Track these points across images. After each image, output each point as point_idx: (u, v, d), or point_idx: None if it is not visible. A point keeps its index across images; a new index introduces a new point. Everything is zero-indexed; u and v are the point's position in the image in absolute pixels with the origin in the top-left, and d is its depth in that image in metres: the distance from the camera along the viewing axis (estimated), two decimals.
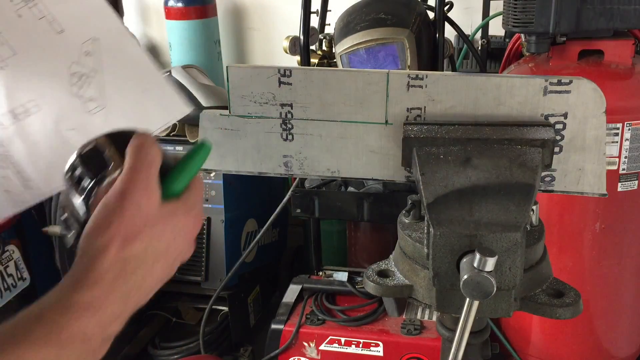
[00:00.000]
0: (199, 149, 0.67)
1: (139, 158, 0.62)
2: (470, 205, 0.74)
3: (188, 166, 0.66)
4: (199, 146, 0.67)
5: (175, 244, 0.64)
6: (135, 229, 0.60)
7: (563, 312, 0.77)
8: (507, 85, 0.83)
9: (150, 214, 0.61)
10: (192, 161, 0.66)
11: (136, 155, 0.62)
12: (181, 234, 0.65)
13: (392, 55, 1.74)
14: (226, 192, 2.20)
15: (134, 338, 2.33)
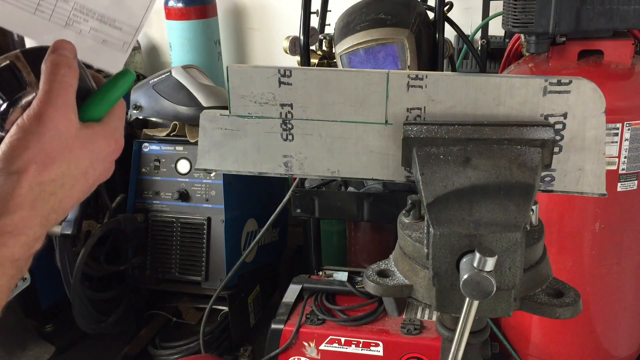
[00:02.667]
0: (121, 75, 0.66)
1: (55, 79, 0.61)
2: (470, 205, 0.75)
3: (109, 92, 0.66)
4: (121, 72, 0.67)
5: (93, 167, 0.64)
6: (53, 153, 0.60)
7: (563, 312, 0.77)
8: (507, 86, 0.83)
9: (69, 138, 0.61)
10: (114, 88, 0.66)
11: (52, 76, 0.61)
12: (100, 158, 0.65)
13: (392, 56, 1.74)
14: (226, 192, 2.20)
15: (134, 338, 2.33)
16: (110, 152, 0.67)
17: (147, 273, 2.27)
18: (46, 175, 0.59)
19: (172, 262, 2.26)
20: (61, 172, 0.61)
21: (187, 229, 2.24)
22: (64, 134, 0.61)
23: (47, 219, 0.60)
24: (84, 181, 0.64)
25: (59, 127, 0.60)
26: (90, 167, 0.64)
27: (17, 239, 0.57)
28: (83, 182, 0.64)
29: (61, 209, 0.62)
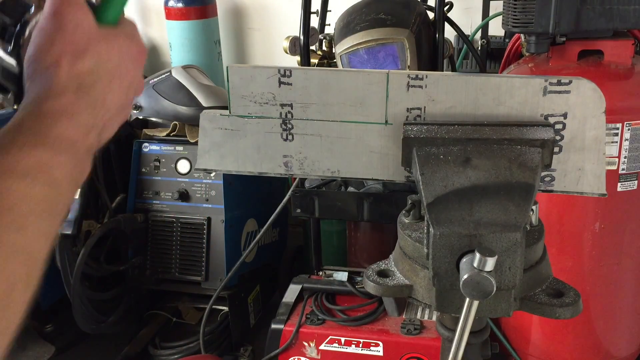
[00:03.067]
0: None
1: None
2: (470, 205, 0.75)
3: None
4: None
5: (124, 65, 0.63)
6: (80, 45, 0.59)
7: (563, 311, 0.77)
8: (507, 86, 0.83)
9: (91, 32, 0.60)
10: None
11: None
12: (127, 58, 0.64)
13: (392, 55, 1.74)
14: (226, 192, 2.20)
15: (134, 338, 2.33)
16: (136, 53, 0.65)
17: (147, 273, 2.27)
18: (80, 66, 0.59)
19: (172, 262, 2.26)
20: (94, 64, 0.60)
21: (187, 229, 2.24)
22: (85, 27, 0.60)
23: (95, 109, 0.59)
24: (119, 79, 0.62)
25: (78, 20, 0.60)
26: (121, 65, 0.63)
27: (70, 120, 0.55)
28: (119, 81, 0.62)
29: (106, 104, 0.60)
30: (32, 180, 0.49)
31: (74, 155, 0.55)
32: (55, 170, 0.52)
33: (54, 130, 0.54)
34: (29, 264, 0.47)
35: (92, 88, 0.59)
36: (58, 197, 0.51)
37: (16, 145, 0.51)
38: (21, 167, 0.49)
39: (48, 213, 0.50)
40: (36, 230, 0.48)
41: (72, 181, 0.54)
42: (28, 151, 0.51)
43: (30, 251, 0.47)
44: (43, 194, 0.49)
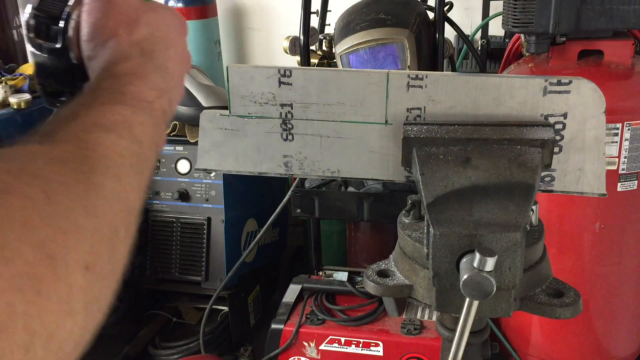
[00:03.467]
0: None
1: None
2: (470, 205, 0.75)
3: None
4: None
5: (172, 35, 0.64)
6: (132, 16, 0.61)
7: (563, 311, 0.77)
8: (507, 86, 0.83)
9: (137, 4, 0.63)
10: None
11: None
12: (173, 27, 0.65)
13: (392, 55, 1.74)
14: (226, 192, 2.20)
15: (134, 338, 2.33)
16: (178, 23, 0.67)
17: (147, 273, 2.27)
18: (137, 34, 0.60)
19: (172, 262, 2.26)
20: (148, 32, 0.61)
21: (187, 229, 2.24)
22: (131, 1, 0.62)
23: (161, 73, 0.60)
24: (173, 48, 0.64)
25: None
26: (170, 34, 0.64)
27: (142, 80, 0.56)
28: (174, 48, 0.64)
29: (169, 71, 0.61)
30: (118, 134, 0.49)
31: (151, 116, 0.55)
32: (137, 128, 0.52)
33: (130, 89, 0.54)
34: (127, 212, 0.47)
35: (153, 53, 0.60)
36: (142, 155, 0.51)
37: (97, 102, 0.51)
38: (106, 122, 0.49)
39: (136, 169, 0.49)
40: (129, 182, 0.48)
41: (152, 143, 0.54)
42: (110, 107, 0.51)
43: (127, 199, 0.47)
44: (129, 149, 0.49)
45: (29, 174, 0.39)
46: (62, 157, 0.43)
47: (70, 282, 0.37)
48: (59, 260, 0.37)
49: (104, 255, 0.41)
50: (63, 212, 0.39)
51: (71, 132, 0.47)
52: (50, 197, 0.38)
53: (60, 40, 0.62)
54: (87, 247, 0.40)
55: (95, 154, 0.45)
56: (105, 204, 0.43)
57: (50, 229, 0.37)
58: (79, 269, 0.38)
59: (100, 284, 0.41)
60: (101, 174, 0.45)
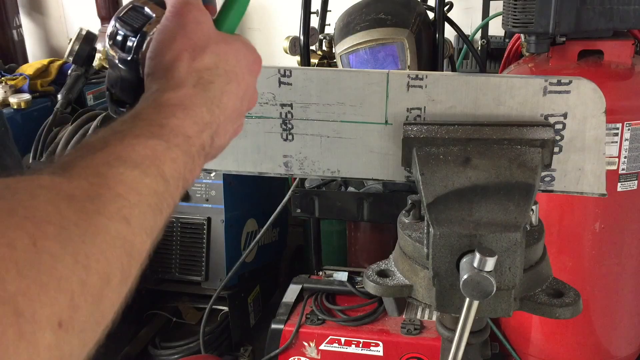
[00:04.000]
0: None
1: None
2: (470, 205, 0.75)
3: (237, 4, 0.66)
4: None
5: (241, 70, 0.63)
6: (201, 42, 0.60)
7: (563, 312, 0.77)
8: (507, 86, 0.83)
9: (211, 31, 0.62)
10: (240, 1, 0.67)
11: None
12: (244, 63, 0.64)
13: (392, 55, 1.74)
14: (226, 192, 2.20)
15: (134, 338, 2.33)
16: (252, 60, 0.65)
17: (147, 273, 2.26)
18: (199, 62, 0.59)
19: (172, 262, 2.26)
20: (213, 62, 0.60)
21: (187, 229, 2.24)
22: (205, 28, 0.61)
23: (212, 106, 0.58)
24: (236, 82, 0.62)
25: (199, 20, 0.61)
26: (238, 68, 0.62)
27: (186, 113, 0.55)
28: (236, 84, 0.62)
29: (223, 105, 0.60)
30: (143, 171, 0.47)
31: (186, 152, 0.53)
32: (167, 165, 0.50)
33: (170, 122, 0.53)
34: (128, 257, 0.44)
35: (210, 85, 0.59)
36: (165, 194, 0.50)
37: (132, 134, 0.50)
38: (134, 156, 0.48)
39: (153, 209, 0.48)
40: (140, 224, 0.46)
41: (180, 179, 0.52)
42: (144, 141, 0.49)
43: (132, 244, 0.45)
44: (152, 187, 0.48)
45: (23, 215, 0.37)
46: (71, 193, 0.41)
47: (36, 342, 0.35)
48: (27, 317, 0.34)
49: (84, 309, 0.39)
50: (46, 262, 0.36)
51: (93, 164, 0.45)
52: (36, 244, 0.36)
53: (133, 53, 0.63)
54: (65, 301, 0.37)
55: (109, 192, 0.43)
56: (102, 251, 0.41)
57: (24, 282, 0.35)
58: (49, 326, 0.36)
59: (75, 340, 0.38)
60: (108, 215, 0.42)
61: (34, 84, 2.57)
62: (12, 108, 2.39)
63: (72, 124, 2.27)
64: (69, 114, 2.37)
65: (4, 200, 0.38)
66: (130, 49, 0.63)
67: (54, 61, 2.74)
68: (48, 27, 3.45)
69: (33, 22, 3.45)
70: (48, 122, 2.28)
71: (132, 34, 0.63)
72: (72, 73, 2.32)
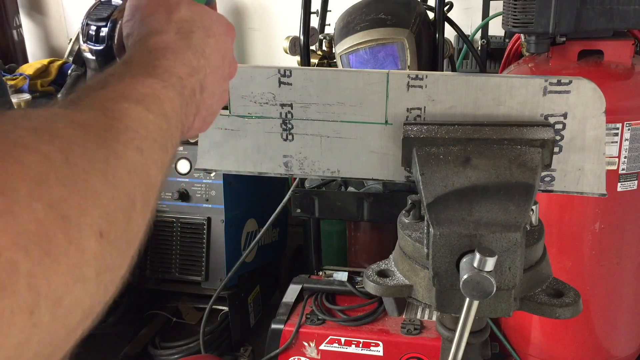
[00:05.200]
0: None
1: None
2: (470, 205, 0.75)
3: None
4: None
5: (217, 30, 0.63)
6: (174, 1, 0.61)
7: (563, 312, 0.77)
8: (507, 86, 0.83)
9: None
10: None
11: None
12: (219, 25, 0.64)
13: (392, 56, 1.74)
14: (226, 192, 2.20)
15: (134, 338, 2.33)
16: (225, 25, 0.66)
17: (147, 273, 2.27)
18: (176, 14, 0.60)
19: (172, 262, 2.26)
20: (189, 16, 0.61)
21: (187, 229, 2.24)
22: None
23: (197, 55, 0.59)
24: (214, 39, 0.62)
25: None
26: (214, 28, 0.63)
27: (175, 55, 0.56)
28: (214, 40, 0.62)
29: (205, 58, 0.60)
30: (146, 107, 0.48)
31: (180, 93, 0.54)
32: (166, 103, 0.51)
33: (162, 63, 0.54)
34: (146, 186, 0.44)
35: (191, 34, 0.60)
36: (168, 132, 0.50)
37: (129, 74, 0.51)
38: (135, 94, 0.48)
39: (160, 144, 0.48)
40: (151, 156, 0.46)
41: (178, 121, 0.53)
42: (141, 80, 0.50)
43: (148, 173, 0.45)
44: (156, 123, 0.48)
45: (49, 132, 0.37)
46: (85, 122, 0.42)
47: (83, 247, 0.35)
48: (72, 223, 0.35)
49: (119, 225, 0.39)
50: (80, 175, 0.37)
51: (98, 100, 0.46)
52: (68, 158, 0.36)
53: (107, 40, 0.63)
54: (102, 213, 0.37)
55: (120, 123, 0.44)
56: (125, 174, 0.41)
57: (66, 190, 0.35)
58: (93, 234, 0.36)
59: (115, 254, 0.39)
60: (124, 143, 0.43)
61: (34, 84, 2.57)
62: None
63: None
64: None
65: (28, 120, 0.38)
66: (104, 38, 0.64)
67: (54, 61, 2.74)
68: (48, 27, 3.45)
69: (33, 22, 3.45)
70: None
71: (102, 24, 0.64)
72: (72, 73, 2.32)
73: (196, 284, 2.26)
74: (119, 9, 0.57)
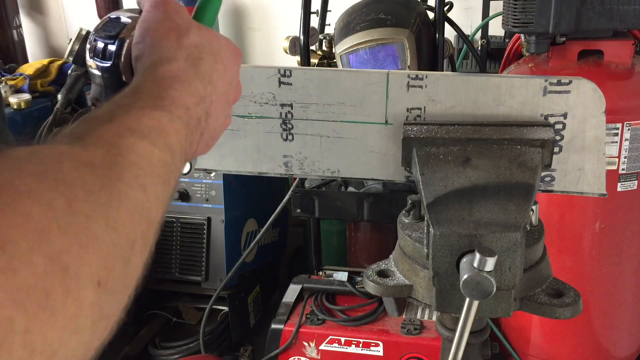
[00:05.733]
0: None
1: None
2: (470, 205, 0.75)
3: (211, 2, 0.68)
4: None
5: (225, 55, 0.64)
6: (184, 25, 0.61)
7: (563, 312, 0.77)
8: (507, 86, 0.83)
9: (191, 20, 0.63)
10: None
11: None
12: (227, 50, 0.64)
13: (392, 56, 1.74)
14: (226, 192, 2.20)
15: (134, 338, 2.33)
16: (233, 50, 0.66)
17: (147, 273, 2.27)
18: (186, 39, 0.60)
19: (172, 262, 2.26)
20: (198, 41, 0.61)
21: (187, 229, 2.24)
22: (185, 15, 0.63)
23: (204, 81, 0.59)
24: (222, 65, 0.63)
25: (177, 8, 0.62)
26: (222, 53, 0.63)
27: (183, 85, 0.56)
28: (222, 66, 0.63)
29: (212, 85, 0.60)
30: (152, 142, 0.48)
31: (186, 124, 0.54)
32: (172, 136, 0.51)
33: (170, 93, 0.54)
34: (147, 224, 0.45)
35: (200, 61, 0.60)
36: (172, 165, 0.50)
37: (136, 106, 0.51)
38: (142, 127, 0.48)
39: (163, 179, 0.48)
40: (154, 192, 0.46)
41: (183, 152, 0.53)
42: (149, 113, 0.50)
43: (149, 211, 0.45)
44: (160, 157, 0.48)
45: (54, 177, 0.38)
46: (91, 161, 0.42)
47: (80, 298, 0.35)
48: (71, 274, 0.35)
49: (117, 270, 0.40)
50: (83, 222, 0.37)
51: (105, 135, 0.46)
52: (71, 205, 0.37)
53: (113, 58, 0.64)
54: (101, 261, 0.38)
55: (125, 160, 0.44)
56: (127, 215, 0.42)
57: (67, 240, 0.35)
58: (91, 284, 0.36)
59: (111, 301, 0.39)
60: (127, 182, 0.43)
61: (34, 84, 2.57)
62: (12, 108, 2.39)
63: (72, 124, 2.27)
64: (69, 114, 2.37)
65: (34, 163, 0.38)
66: (111, 55, 0.64)
67: (54, 61, 2.74)
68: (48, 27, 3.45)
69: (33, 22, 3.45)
70: (48, 122, 2.27)
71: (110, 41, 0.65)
72: (72, 73, 2.32)
73: (196, 284, 2.26)
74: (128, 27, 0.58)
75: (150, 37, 0.60)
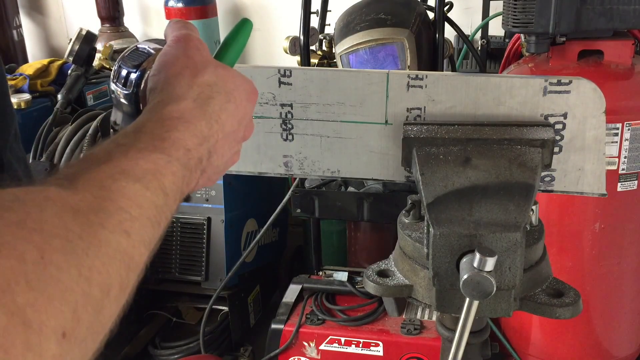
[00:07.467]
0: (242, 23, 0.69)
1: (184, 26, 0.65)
2: (470, 205, 0.75)
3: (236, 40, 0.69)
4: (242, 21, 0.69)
5: (239, 95, 0.64)
6: (201, 63, 0.62)
7: (563, 311, 0.77)
8: (507, 85, 0.83)
9: (209, 58, 0.64)
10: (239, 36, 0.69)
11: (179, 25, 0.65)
12: (242, 90, 0.65)
13: (392, 55, 1.74)
14: (226, 192, 2.20)
15: (134, 338, 2.33)
16: (249, 90, 0.66)
17: (147, 273, 2.26)
18: (200, 78, 0.61)
19: (172, 262, 2.26)
20: (213, 79, 0.62)
21: (187, 229, 2.24)
22: (205, 53, 0.64)
23: (211, 121, 0.60)
24: (234, 104, 0.63)
25: (199, 46, 0.63)
26: (236, 92, 0.64)
27: (187, 126, 0.56)
28: (234, 106, 0.63)
29: (220, 124, 0.61)
30: (145, 185, 0.49)
31: (185, 165, 0.55)
32: (167, 179, 0.51)
33: (172, 135, 0.54)
34: (127, 269, 0.46)
35: (210, 100, 0.60)
36: (164, 207, 0.51)
37: (135, 147, 0.51)
38: (137, 170, 0.49)
39: (152, 222, 0.49)
40: (140, 237, 0.47)
41: (178, 193, 0.54)
42: (146, 155, 0.51)
43: (132, 256, 0.46)
44: (152, 200, 0.49)
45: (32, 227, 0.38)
46: (76, 206, 0.42)
47: (41, 352, 0.35)
48: (34, 328, 0.35)
49: (86, 320, 0.40)
50: (53, 274, 0.37)
51: (98, 176, 0.46)
52: (44, 256, 0.37)
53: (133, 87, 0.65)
54: (69, 313, 0.38)
55: (113, 205, 0.45)
56: (103, 263, 0.42)
57: (33, 294, 0.36)
58: (55, 336, 0.36)
59: (77, 350, 0.39)
60: (110, 228, 0.44)
61: (34, 84, 2.57)
62: None
63: (72, 124, 2.27)
64: (69, 114, 2.37)
65: (14, 212, 0.39)
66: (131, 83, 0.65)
67: (54, 61, 2.74)
68: (48, 27, 3.45)
69: (33, 22, 3.45)
70: (48, 122, 2.28)
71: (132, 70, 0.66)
72: (72, 73, 2.32)
73: (196, 284, 2.26)
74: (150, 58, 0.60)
75: (165, 72, 0.61)
